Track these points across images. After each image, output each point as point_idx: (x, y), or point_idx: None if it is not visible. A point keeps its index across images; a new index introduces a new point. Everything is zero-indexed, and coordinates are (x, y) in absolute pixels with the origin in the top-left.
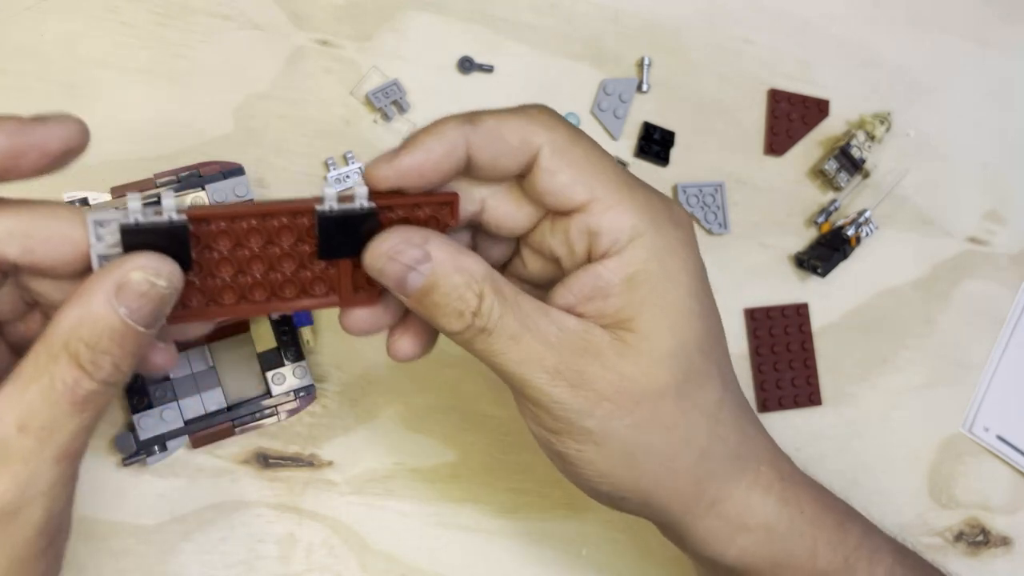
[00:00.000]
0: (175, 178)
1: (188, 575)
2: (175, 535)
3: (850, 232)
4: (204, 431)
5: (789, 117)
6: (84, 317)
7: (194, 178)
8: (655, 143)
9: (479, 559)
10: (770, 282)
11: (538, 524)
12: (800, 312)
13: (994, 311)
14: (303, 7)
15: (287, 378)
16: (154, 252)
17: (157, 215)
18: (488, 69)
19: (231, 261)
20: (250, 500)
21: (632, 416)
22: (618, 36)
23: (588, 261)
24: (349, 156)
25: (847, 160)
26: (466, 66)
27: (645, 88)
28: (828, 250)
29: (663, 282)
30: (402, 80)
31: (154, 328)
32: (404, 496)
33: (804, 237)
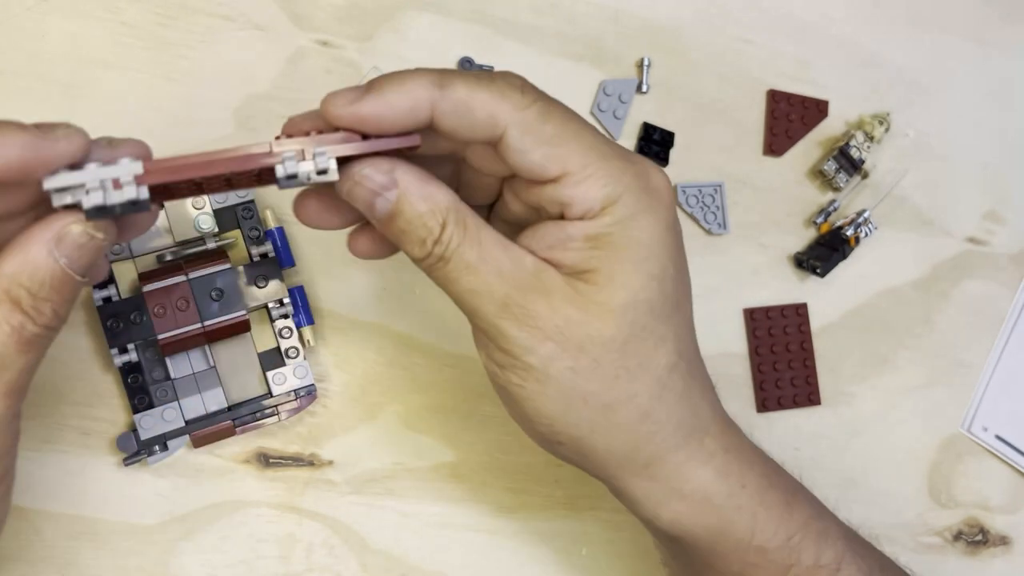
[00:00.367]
0: None
1: (188, 575)
2: (175, 535)
3: (849, 232)
4: (205, 431)
5: (788, 117)
6: (24, 265)
7: None
8: (655, 143)
9: (479, 559)
10: (769, 282)
11: (538, 524)
12: (799, 312)
13: (993, 311)
14: (303, 7)
15: (288, 378)
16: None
17: (117, 188)
18: (488, 70)
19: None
20: (250, 500)
21: (574, 360)
22: (618, 36)
23: (561, 218)
24: None
25: (846, 160)
26: (466, 66)
27: (645, 89)
28: (827, 250)
29: (625, 243)
30: None
31: (89, 276)
32: (404, 496)
33: (803, 237)
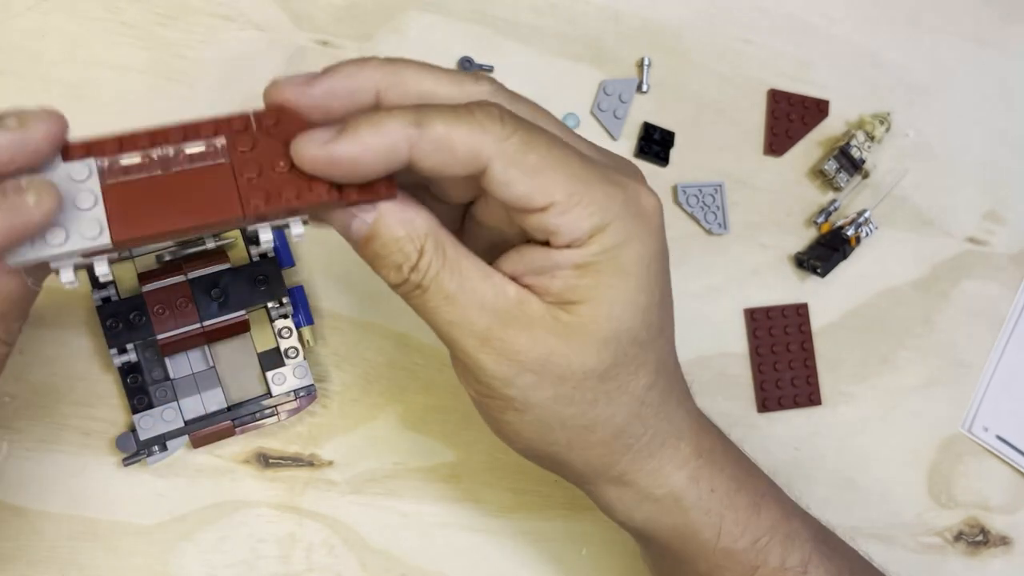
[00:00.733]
0: None
1: (188, 575)
2: (175, 535)
3: (850, 232)
4: (204, 431)
5: (789, 117)
6: None
7: None
8: (655, 143)
9: (479, 559)
10: (770, 282)
11: (538, 524)
12: (800, 312)
13: (993, 311)
14: (304, 7)
15: (287, 378)
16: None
17: (85, 257)
18: (488, 69)
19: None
20: (250, 500)
21: (554, 390)
22: (618, 36)
23: (546, 243)
24: None
25: (847, 160)
26: (466, 66)
27: (645, 88)
28: (828, 250)
29: (613, 275)
30: None
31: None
32: (404, 496)
33: (804, 237)
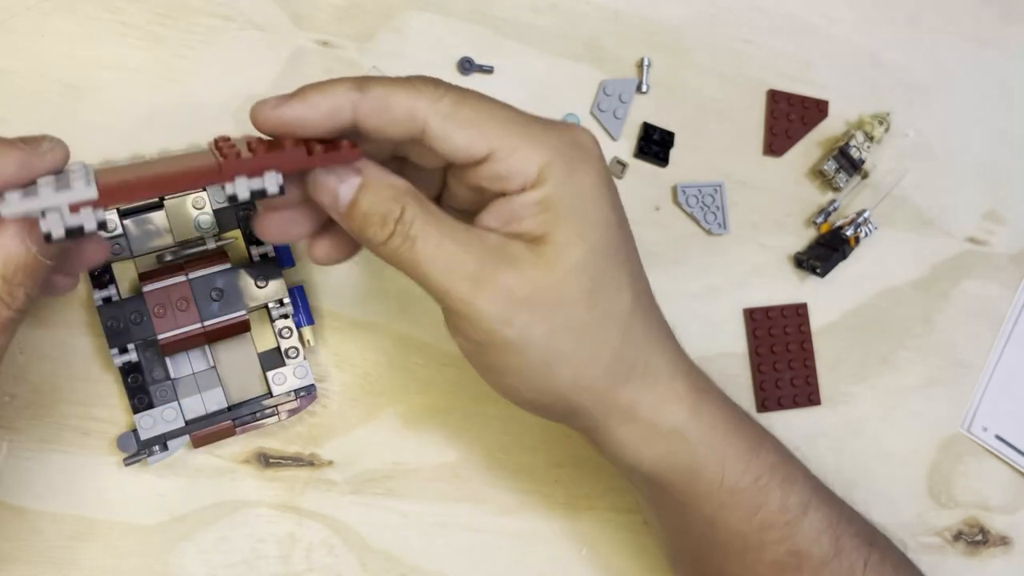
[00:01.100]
0: None
1: (188, 575)
2: (175, 535)
3: (849, 232)
4: (205, 431)
5: (788, 117)
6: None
7: None
8: (655, 143)
9: (479, 559)
10: (769, 282)
11: (538, 524)
12: (799, 312)
13: (993, 311)
14: (303, 7)
15: (288, 378)
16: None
17: (74, 212)
18: (488, 70)
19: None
20: (250, 500)
21: (549, 323)
22: (618, 36)
23: (504, 195)
24: None
25: (846, 160)
26: (466, 67)
27: (645, 89)
28: (827, 250)
29: (572, 200)
30: None
31: (55, 260)
32: (404, 496)
33: (803, 237)
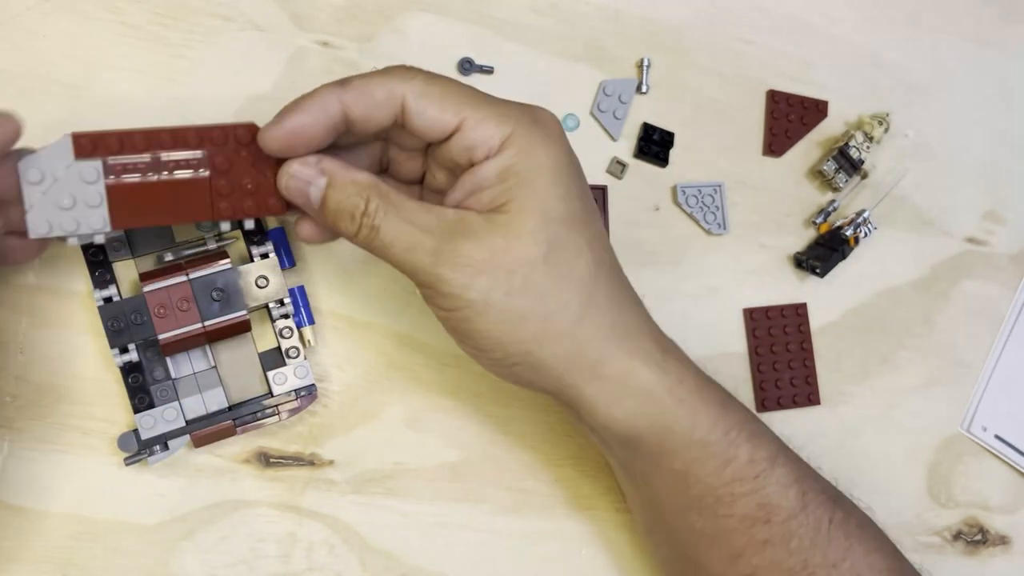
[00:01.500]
0: None
1: (188, 574)
2: (176, 534)
3: (849, 232)
4: (205, 431)
5: (788, 118)
6: None
7: None
8: (654, 144)
9: (479, 559)
10: (769, 282)
11: (538, 524)
12: (799, 312)
13: (993, 311)
14: (304, 8)
15: (288, 378)
16: None
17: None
18: (488, 70)
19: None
20: (251, 499)
21: (507, 284)
22: (618, 36)
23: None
24: None
25: (846, 161)
26: (466, 67)
27: (644, 89)
28: (827, 250)
29: (528, 171)
30: None
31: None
32: (404, 496)
33: (803, 237)
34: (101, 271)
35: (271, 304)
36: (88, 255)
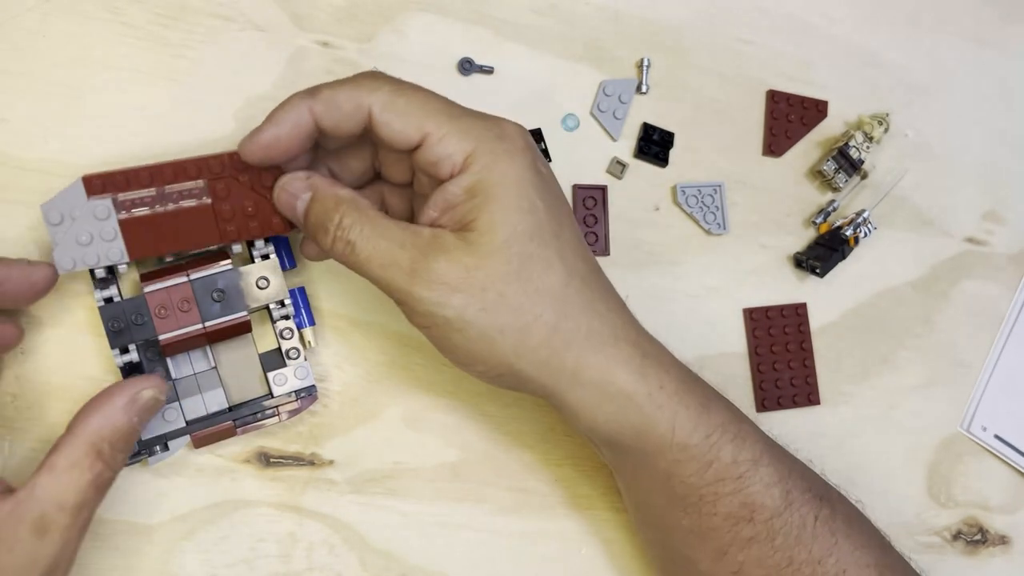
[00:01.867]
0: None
1: (189, 574)
2: (176, 534)
3: (848, 232)
4: (206, 431)
5: (788, 118)
6: (107, 424)
7: None
8: (654, 144)
9: (479, 559)
10: (769, 282)
11: (538, 524)
12: (799, 312)
13: (992, 311)
14: (304, 8)
15: (289, 379)
16: (156, 376)
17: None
18: (488, 70)
19: None
20: (251, 499)
21: (481, 301)
22: (618, 36)
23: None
24: None
25: (845, 161)
26: (466, 67)
27: (644, 89)
28: (827, 250)
29: (493, 187)
30: None
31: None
32: (404, 496)
33: (803, 237)
34: (102, 271)
35: (272, 305)
36: None
